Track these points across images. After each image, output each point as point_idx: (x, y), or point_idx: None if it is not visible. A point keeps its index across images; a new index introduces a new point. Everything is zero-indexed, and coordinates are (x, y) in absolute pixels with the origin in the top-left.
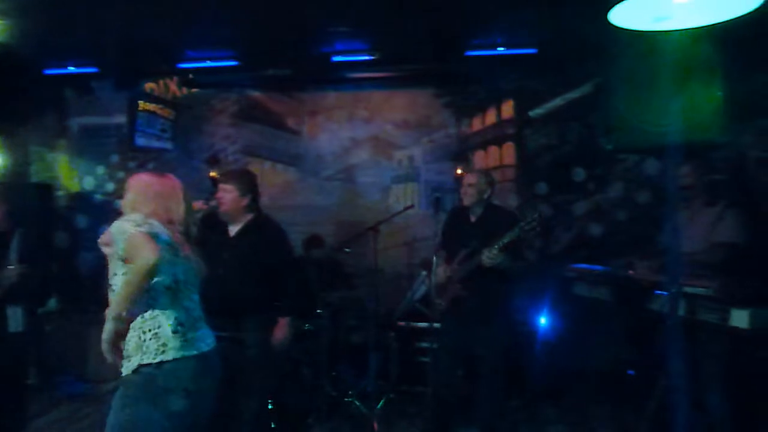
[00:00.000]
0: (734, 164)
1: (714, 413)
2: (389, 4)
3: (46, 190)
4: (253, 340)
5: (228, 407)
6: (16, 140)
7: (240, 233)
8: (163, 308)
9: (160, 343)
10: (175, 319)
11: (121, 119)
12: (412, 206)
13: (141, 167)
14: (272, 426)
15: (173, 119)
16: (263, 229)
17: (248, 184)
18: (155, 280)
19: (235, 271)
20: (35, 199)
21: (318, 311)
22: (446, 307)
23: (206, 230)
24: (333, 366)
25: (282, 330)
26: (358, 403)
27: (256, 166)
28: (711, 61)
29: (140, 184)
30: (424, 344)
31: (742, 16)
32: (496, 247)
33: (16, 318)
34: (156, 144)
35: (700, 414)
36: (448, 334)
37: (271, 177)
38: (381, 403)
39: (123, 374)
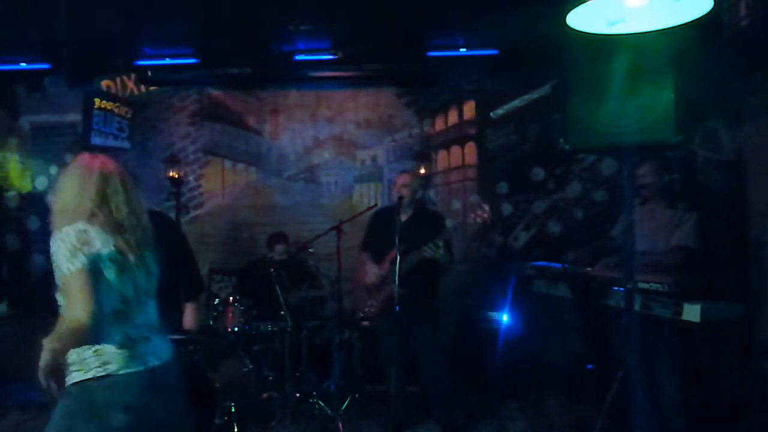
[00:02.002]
0: (686, 164)
1: (668, 403)
2: (352, 3)
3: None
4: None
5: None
6: None
7: None
8: (109, 328)
9: (101, 360)
10: (123, 335)
11: (75, 117)
12: (375, 206)
13: None
14: (235, 429)
15: (130, 118)
16: (156, 221)
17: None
18: (99, 304)
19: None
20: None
21: (281, 312)
22: (380, 307)
23: None
24: (296, 367)
25: (191, 315)
26: (322, 404)
27: (216, 166)
28: (662, 64)
29: (78, 179)
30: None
31: (693, 20)
32: (440, 242)
33: None
34: (112, 143)
35: (654, 404)
36: (388, 334)
37: (233, 177)
38: (345, 403)
39: (66, 384)
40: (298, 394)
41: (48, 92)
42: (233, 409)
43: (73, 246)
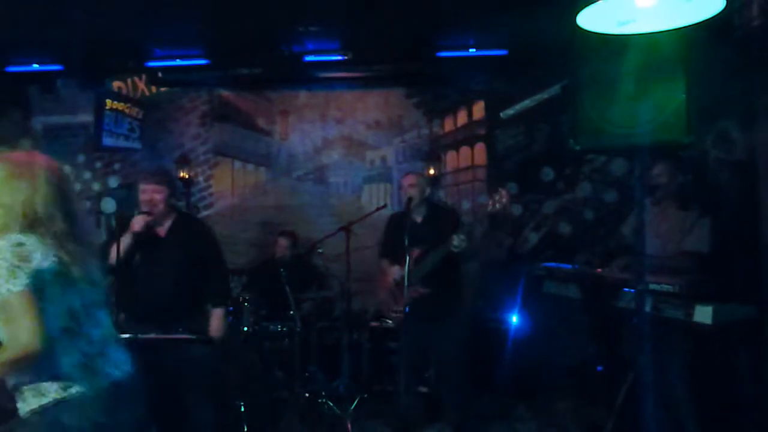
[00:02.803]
0: (698, 165)
1: (679, 405)
2: (361, 4)
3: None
4: (199, 339)
5: (185, 412)
6: None
7: (170, 231)
8: (62, 347)
9: (59, 384)
10: (79, 352)
11: (87, 118)
12: (384, 206)
13: (108, 167)
14: (245, 429)
15: (141, 118)
16: (193, 225)
17: (173, 180)
18: (47, 322)
19: (170, 269)
20: None
21: (290, 312)
22: (406, 310)
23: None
24: (305, 367)
25: (218, 321)
26: (331, 404)
27: (226, 166)
28: (674, 64)
29: (4, 182)
30: (397, 344)
31: (704, 20)
32: (462, 235)
33: None
34: (124, 144)
35: (665, 406)
36: (410, 335)
37: (242, 177)
38: (354, 403)
39: (20, 413)
40: (307, 394)
41: (60, 93)
42: (243, 408)
43: (10, 264)
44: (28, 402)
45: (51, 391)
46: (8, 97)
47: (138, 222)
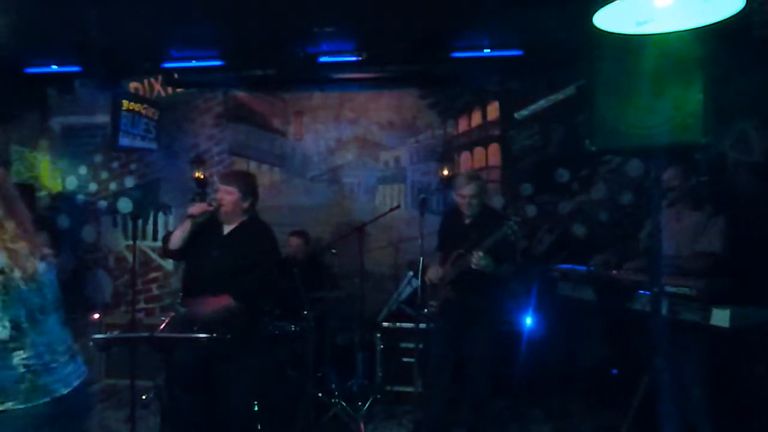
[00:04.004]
0: (715, 166)
1: (695, 409)
2: (375, 5)
3: (28, 190)
4: (237, 341)
5: (214, 409)
6: None
7: (232, 232)
8: (3, 360)
9: (1, 397)
10: (22, 365)
11: (104, 119)
12: (398, 207)
13: (124, 167)
14: (258, 428)
15: (157, 119)
16: (255, 230)
17: (250, 186)
18: None
19: (223, 269)
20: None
21: (304, 312)
22: (438, 309)
23: (201, 229)
24: (319, 367)
25: (216, 303)
26: (344, 404)
27: (241, 167)
28: (692, 64)
29: None
30: (410, 345)
31: (723, 19)
32: (481, 250)
33: None
34: (140, 144)
35: (681, 411)
36: (438, 335)
37: (257, 177)
38: (367, 404)
39: None
40: (320, 394)
41: (78, 94)
42: (256, 408)
43: None
44: None
45: None
46: (27, 98)
47: (196, 207)
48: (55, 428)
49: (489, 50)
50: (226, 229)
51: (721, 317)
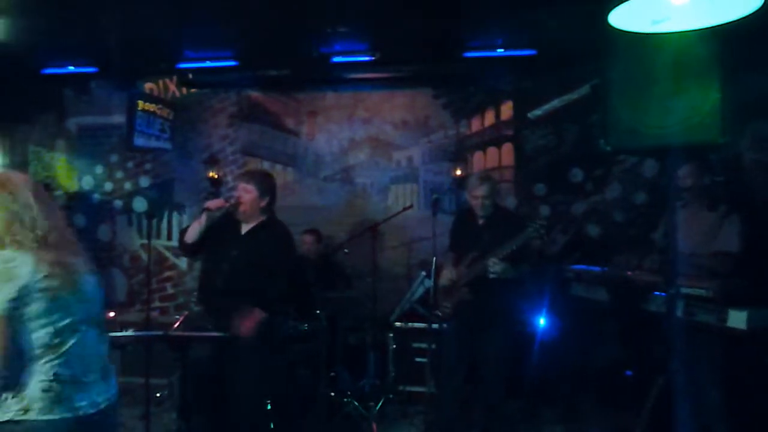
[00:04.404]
0: (731, 166)
1: (711, 413)
2: (388, 5)
3: (45, 189)
4: (250, 340)
5: (227, 407)
6: (15, 140)
7: (251, 232)
8: (35, 366)
9: (22, 404)
10: (52, 374)
11: (120, 119)
12: (411, 207)
13: (139, 167)
14: (271, 426)
15: (172, 119)
16: (273, 230)
17: (268, 185)
18: (26, 340)
19: (241, 269)
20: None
21: (316, 312)
22: (452, 310)
23: (219, 227)
24: (331, 367)
25: (250, 321)
26: (356, 404)
27: (254, 167)
28: (709, 63)
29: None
30: (422, 345)
31: (740, 18)
32: (498, 258)
33: None
34: (155, 144)
35: (697, 414)
36: (452, 337)
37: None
38: (380, 404)
39: None
40: (332, 394)
41: (94, 95)
42: (269, 407)
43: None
44: None
45: (11, 410)
46: (44, 98)
47: (212, 202)
48: None
49: (502, 50)
50: (245, 228)
51: (738, 319)
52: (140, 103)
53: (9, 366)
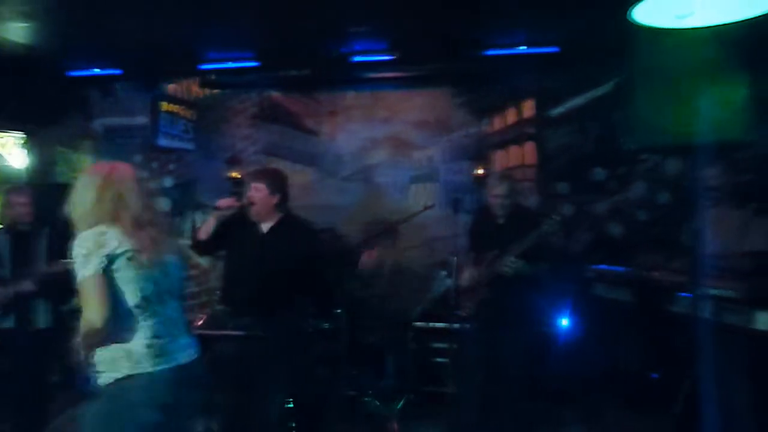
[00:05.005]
0: (760, 164)
1: (738, 417)
2: (408, 3)
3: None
4: (276, 339)
5: (248, 405)
6: (42, 141)
7: (271, 231)
8: (133, 326)
9: (132, 361)
10: (150, 333)
11: (143, 120)
12: (432, 206)
13: (163, 167)
14: (292, 425)
15: (195, 120)
16: (295, 227)
17: (278, 182)
18: (121, 302)
19: (264, 268)
20: (61, 199)
21: (336, 311)
22: (474, 310)
23: (235, 228)
24: (352, 365)
25: (371, 255)
26: (377, 403)
27: (275, 166)
28: (736, 59)
29: (94, 185)
30: (442, 345)
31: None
32: (516, 252)
33: (45, 314)
34: (178, 144)
35: (724, 418)
36: (473, 337)
37: (291, 177)
38: (400, 403)
39: (98, 384)
40: (353, 393)
41: (119, 96)
42: (290, 405)
43: (87, 250)
44: (104, 375)
45: (123, 368)
46: (71, 100)
47: (223, 201)
48: (177, 393)
49: (524, 47)
50: (264, 227)
51: (766, 321)
52: (164, 104)
53: (112, 317)
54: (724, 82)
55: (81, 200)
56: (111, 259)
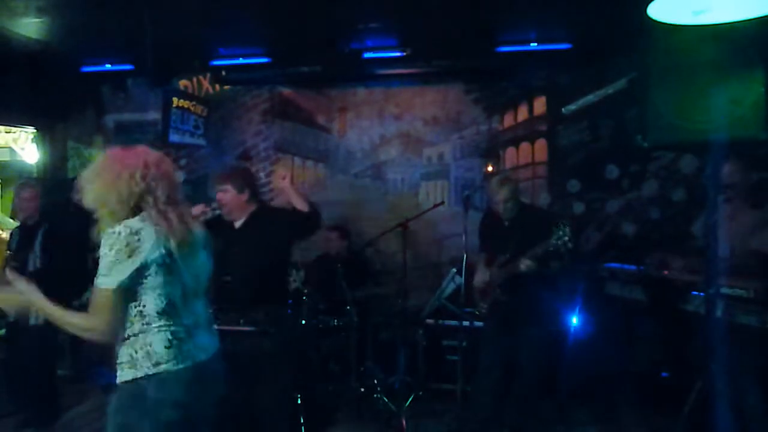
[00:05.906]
0: None
1: (751, 416)
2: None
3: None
4: (272, 331)
5: (252, 401)
6: (54, 136)
7: (244, 225)
8: (156, 327)
9: (152, 361)
10: (171, 333)
11: (155, 116)
12: (442, 203)
13: (174, 163)
14: (301, 421)
15: (206, 116)
16: (265, 214)
17: (243, 180)
18: (145, 306)
19: (247, 262)
20: (73, 194)
21: (347, 307)
22: (487, 310)
23: (214, 230)
24: (361, 362)
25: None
26: (386, 400)
27: (286, 163)
28: (752, 56)
29: (117, 171)
30: (453, 342)
31: None
32: (528, 259)
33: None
34: (189, 140)
35: (736, 417)
36: (488, 336)
37: (302, 173)
38: (409, 400)
39: (117, 381)
40: (362, 389)
41: (131, 92)
42: (300, 401)
43: (117, 255)
44: (124, 373)
45: (144, 366)
46: (83, 96)
47: (195, 208)
48: (198, 388)
49: (536, 44)
50: (237, 224)
51: None
52: (175, 99)
53: (117, 336)
54: (739, 79)
55: (105, 190)
56: (143, 265)
